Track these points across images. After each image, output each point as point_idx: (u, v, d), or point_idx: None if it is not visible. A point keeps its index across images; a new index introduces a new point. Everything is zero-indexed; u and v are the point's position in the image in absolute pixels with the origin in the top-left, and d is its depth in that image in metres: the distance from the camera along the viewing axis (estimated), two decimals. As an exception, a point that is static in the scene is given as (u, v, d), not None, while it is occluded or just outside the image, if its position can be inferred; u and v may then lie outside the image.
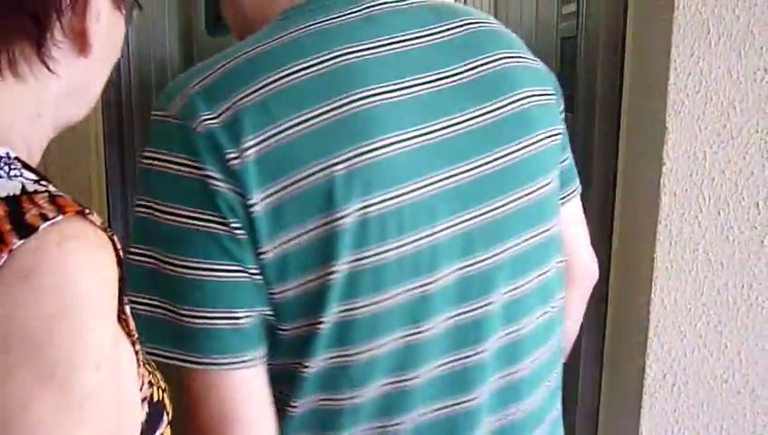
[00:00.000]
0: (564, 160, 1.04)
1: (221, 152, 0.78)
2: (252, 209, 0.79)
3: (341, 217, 0.80)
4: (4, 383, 0.53)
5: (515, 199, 0.91)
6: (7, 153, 0.61)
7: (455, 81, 0.88)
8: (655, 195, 1.20)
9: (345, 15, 0.87)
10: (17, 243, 0.54)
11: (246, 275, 0.80)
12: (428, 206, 0.85)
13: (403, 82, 0.86)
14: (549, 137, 0.95)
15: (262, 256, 0.80)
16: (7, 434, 0.53)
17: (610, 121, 1.39)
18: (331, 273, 0.81)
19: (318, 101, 0.81)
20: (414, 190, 0.84)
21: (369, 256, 0.82)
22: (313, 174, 0.79)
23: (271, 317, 0.83)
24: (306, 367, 0.86)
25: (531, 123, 0.92)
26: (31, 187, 0.59)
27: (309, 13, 0.88)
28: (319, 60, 0.83)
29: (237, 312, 0.81)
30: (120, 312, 0.63)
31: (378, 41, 0.87)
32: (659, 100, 1.18)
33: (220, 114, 0.79)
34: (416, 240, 0.84)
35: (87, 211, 0.59)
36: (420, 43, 0.89)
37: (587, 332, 1.45)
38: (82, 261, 0.56)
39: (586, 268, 1.13)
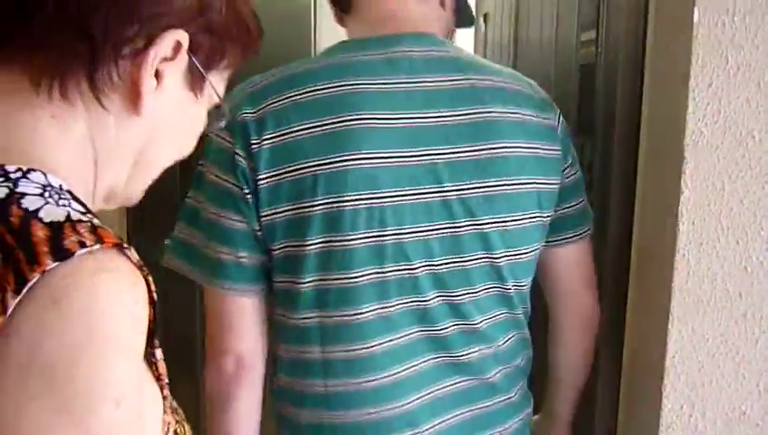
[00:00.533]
0: (567, 207, 1.24)
1: (248, 138, 1.07)
2: (259, 183, 1.06)
3: (316, 205, 1.06)
4: (21, 411, 0.52)
5: (478, 224, 1.11)
6: (60, 185, 0.63)
7: (444, 121, 1.09)
8: (673, 224, 1.19)
9: (370, 55, 1.11)
10: (51, 265, 0.54)
11: (250, 228, 1.08)
12: (397, 212, 1.08)
13: (395, 114, 1.08)
14: (532, 184, 1.15)
15: (261, 219, 1.08)
16: None
17: (629, 149, 1.39)
18: (306, 245, 1.07)
19: (322, 115, 1.06)
20: (386, 197, 1.07)
21: (340, 240, 1.07)
22: (305, 168, 1.05)
23: (270, 266, 1.11)
24: (290, 319, 1.12)
25: (508, 169, 1.12)
26: (76, 216, 0.59)
27: (345, 48, 1.14)
28: (332, 85, 1.07)
29: (240, 252, 1.09)
30: (150, 354, 0.64)
31: (385, 78, 1.09)
32: (678, 129, 1.17)
33: (256, 112, 1.08)
34: (381, 236, 1.08)
35: (125, 246, 0.60)
36: (421, 86, 1.10)
37: (603, 361, 1.44)
38: (113, 294, 0.56)
39: (576, 303, 1.33)
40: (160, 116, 0.70)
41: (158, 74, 0.67)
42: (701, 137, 1.15)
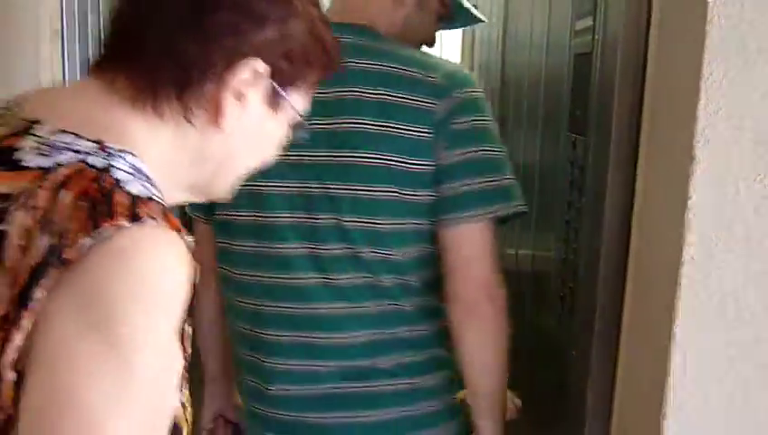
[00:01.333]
0: (446, 189, 1.35)
1: None
2: None
3: None
4: (79, 337, 0.64)
5: (326, 189, 1.34)
6: (145, 171, 0.77)
7: (319, 98, 1.20)
8: (678, 234, 1.11)
9: None
10: (125, 224, 0.67)
11: None
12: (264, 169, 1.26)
13: None
14: (381, 159, 1.32)
15: None
16: (69, 396, 0.63)
17: (628, 148, 1.32)
18: None
19: None
20: None
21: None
22: None
23: None
24: (216, 243, 1.49)
25: (358, 143, 1.33)
26: (155, 198, 0.74)
27: None
28: None
29: None
30: (182, 330, 0.74)
31: None
32: (687, 125, 1.09)
33: None
34: (256, 187, 1.34)
35: (184, 233, 0.74)
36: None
37: (594, 383, 1.39)
38: (168, 263, 0.70)
39: (456, 294, 1.38)
40: (241, 130, 0.84)
41: (239, 95, 0.82)
42: (714, 134, 1.08)
